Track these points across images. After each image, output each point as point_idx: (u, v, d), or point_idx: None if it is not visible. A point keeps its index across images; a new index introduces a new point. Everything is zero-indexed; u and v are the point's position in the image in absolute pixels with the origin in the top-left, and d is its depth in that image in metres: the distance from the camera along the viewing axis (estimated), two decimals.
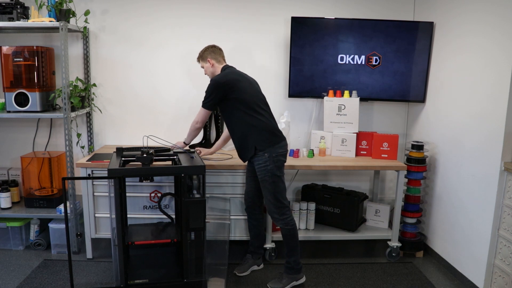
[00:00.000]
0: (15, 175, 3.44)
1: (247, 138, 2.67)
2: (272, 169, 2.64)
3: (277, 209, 2.69)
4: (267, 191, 2.68)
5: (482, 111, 2.69)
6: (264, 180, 2.66)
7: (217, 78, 2.68)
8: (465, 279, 2.84)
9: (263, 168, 2.65)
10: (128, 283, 2.43)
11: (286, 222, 2.71)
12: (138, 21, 3.41)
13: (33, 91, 3.03)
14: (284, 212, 2.71)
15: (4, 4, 2.96)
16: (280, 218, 2.70)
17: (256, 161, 2.67)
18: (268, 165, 2.63)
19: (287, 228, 2.72)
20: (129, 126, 3.55)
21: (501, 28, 2.51)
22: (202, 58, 2.86)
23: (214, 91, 2.65)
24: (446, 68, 3.12)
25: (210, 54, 2.82)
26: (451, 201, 3.02)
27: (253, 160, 2.69)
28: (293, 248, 2.76)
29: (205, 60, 2.84)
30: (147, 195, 2.99)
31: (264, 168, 2.64)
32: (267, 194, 2.69)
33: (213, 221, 3.00)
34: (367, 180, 3.79)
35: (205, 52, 2.84)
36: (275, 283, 2.77)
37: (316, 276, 2.94)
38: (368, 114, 3.64)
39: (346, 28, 3.35)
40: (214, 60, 2.81)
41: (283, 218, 2.70)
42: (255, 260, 3.01)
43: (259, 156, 2.64)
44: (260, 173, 2.67)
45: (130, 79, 3.48)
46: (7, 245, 3.23)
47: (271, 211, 2.73)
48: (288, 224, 2.71)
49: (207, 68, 2.85)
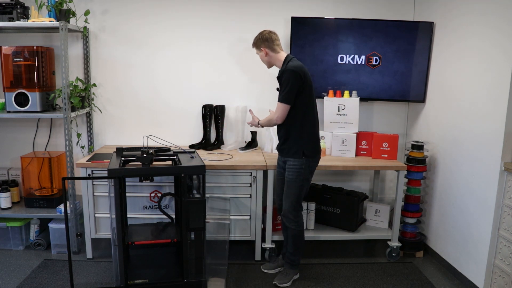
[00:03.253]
0: (15, 175, 3.44)
1: (298, 140, 2.62)
2: (306, 173, 2.65)
3: (294, 211, 2.70)
4: (291, 192, 2.68)
5: (482, 111, 2.69)
6: (293, 181, 2.65)
7: (294, 68, 2.49)
8: (465, 279, 2.84)
9: (297, 170, 2.63)
10: (128, 283, 2.44)
11: (298, 224, 2.74)
12: (138, 21, 3.41)
13: (33, 91, 3.03)
14: (298, 214, 2.73)
15: (4, 4, 2.96)
16: (294, 220, 2.72)
17: (292, 162, 2.64)
18: (302, 168, 2.62)
19: (298, 229, 2.74)
20: (129, 126, 3.55)
21: (501, 29, 2.51)
22: (256, 45, 2.70)
23: (293, 82, 2.47)
24: (446, 68, 3.12)
25: (264, 43, 2.65)
26: (451, 201, 3.02)
27: (287, 160, 2.68)
28: (300, 247, 2.79)
29: (259, 48, 2.69)
30: (147, 195, 2.98)
31: (298, 171, 2.63)
32: (291, 195, 2.68)
33: (213, 221, 2.99)
34: (367, 180, 3.79)
35: (258, 40, 2.67)
36: (281, 279, 2.78)
37: (316, 276, 2.94)
38: (368, 114, 3.64)
39: (346, 28, 3.35)
40: (268, 49, 2.65)
41: (296, 220, 2.72)
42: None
43: (296, 159, 2.63)
44: (291, 174, 2.65)
45: (130, 79, 3.48)
46: (7, 245, 3.23)
47: (287, 211, 2.71)
48: (299, 226, 2.74)
49: (261, 56, 2.71)
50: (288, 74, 2.50)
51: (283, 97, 2.54)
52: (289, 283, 2.78)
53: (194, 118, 3.55)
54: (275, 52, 2.65)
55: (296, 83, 2.50)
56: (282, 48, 2.70)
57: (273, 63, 2.70)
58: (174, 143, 2.90)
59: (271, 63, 2.71)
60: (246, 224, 3.07)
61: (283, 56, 2.66)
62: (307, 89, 2.56)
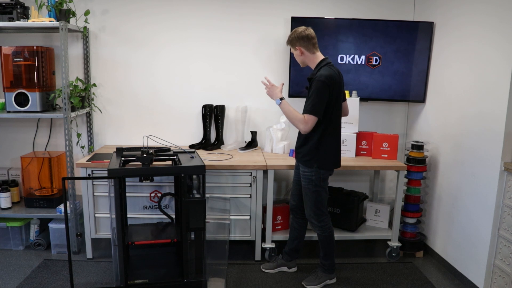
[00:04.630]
0: (15, 175, 3.44)
1: (312, 151, 2.55)
2: (317, 182, 2.60)
3: (316, 216, 2.67)
4: (308, 199, 2.66)
5: (482, 111, 2.69)
6: (307, 188, 2.64)
7: (325, 79, 2.39)
8: (465, 279, 2.84)
9: (307, 177, 2.61)
10: (128, 283, 2.43)
11: (324, 229, 2.70)
12: (138, 21, 3.41)
13: (33, 91, 3.03)
14: (322, 219, 2.68)
15: (4, 4, 2.96)
16: (318, 225, 2.69)
17: (303, 168, 2.62)
18: (313, 176, 2.58)
19: (324, 234, 2.71)
20: (129, 126, 3.55)
21: (501, 30, 2.51)
22: (291, 43, 2.56)
23: (322, 94, 2.37)
24: (446, 68, 3.12)
25: (299, 42, 2.50)
26: (451, 201, 3.02)
27: (300, 164, 2.65)
28: (329, 252, 2.76)
29: (294, 46, 2.55)
30: (147, 195, 2.98)
31: (309, 178, 2.60)
32: (308, 201, 2.67)
33: (213, 221, 2.99)
34: (367, 180, 3.79)
35: (294, 39, 2.52)
36: (310, 281, 2.77)
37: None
38: (368, 114, 3.64)
39: (346, 28, 3.35)
40: (304, 49, 2.51)
41: (321, 225, 2.69)
42: (286, 261, 2.97)
43: (307, 167, 2.59)
44: (304, 181, 2.63)
45: (130, 79, 3.48)
46: (7, 245, 3.23)
47: (309, 216, 2.70)
48: (325, 231, 2.70)
49: (296, 55, 2.57)
50: (318, 84, 2.40)
51: (311, 108, 2.42)
52: (318, 286, 2.76)
53: (193, 118, 3.55)
54: (310, 52, 2.53)
55: (326, 95, 2.41)
56: (318, 48, 2.56)
57: (307, 63, 2.58)
58: (174, 143, 2.89)
59: (305, 63, 2.59)
60: (246, 224, 3.07)
61: (319, 58, 2.55)
62: (333, 100, 2.47)
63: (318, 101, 2.41)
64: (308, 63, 2.59)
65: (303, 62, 2.59)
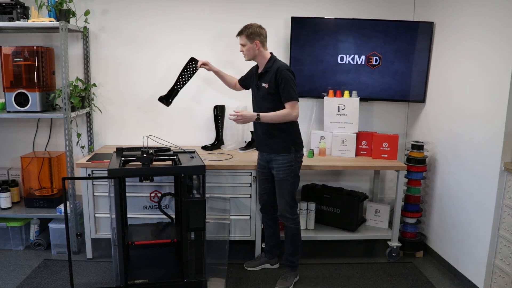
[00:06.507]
0: (15, 175, 3.44)
1: (287, 135, 2.66)
2: (295, 169, 2.68)
3: (291, 209, 2.72)
4: (285, 191, 2.69)
5: (482, 111, 2.69)
6: (285, 180, 2.67)
7: (288, 68, 2.60)
8: (465, 279, 2.84)
9: (287, 168, 2.65)
10: (128, 283, 2.43)
11: (296, 222, 2.75)
12: (138, 21, 3.41)
13: (33, 91, 3.03)
14: (295, 211, 2.75)
15: (4, 4, 2.96)
16: (292, 218, 2.73)
17: (280, 160, 2.66)
18: (292, 165, 2.66)
19: (297, 227, 2.76)
20: (129, 126, 3.54)
21: (501, 31, 2.51)
22: (248, 36, 2.57)
23: (293, 79, 2.56)
24: (446, 68, 3.12)
25: (259, 36, 2.58)
26: (451, 201, 3.02)
27: (274, 158, 2.68)
28: (298, 247, 2.80)
29: (252, 40, 2.57)
30: (147, 195, 2.98)
31: (289, 168, 2.65)
32: (285, 194, 2.69)
33: (213, 221, 2.99)
34: (367, 180, 3.79)
35: (254, 33, 2.56)
36: (283, 284, 2.77)
37: (316, 276, 2.94)
38: (368, 114, 3.64)
39: (346, 28, 3.35)
40: (261, 44, 2.60)
41: (294, 218, 2.74)
42: (269, 259, 3.02)
43: (285, 156, 2.65)
44: (282, 173, 2.66)
45: (130, 79, 3.48)
46: (7, 245, 3.23)
47: (284, 211, 2.72)
48: (297, 223, 2.76)
49: (249, 48, 2.60)
50: (285, 73, 2.54)
51: (291, 95, 2.55)
52: (291, 287, 2.77)
53: (193, 118, 3.55)
54: (264, 48, 2.66)
55: (295, 80, 2.58)
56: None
57: (257, 58, 2.67)
58: (174, 143, 2.89)
59: (254, 57, 2.66)
60: (246, 224, 3.07)
61: (269, 54, 2.69)
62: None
63: (292, 87, 2.55)
64: (257, 58, 2.67)
65: (254, 55, 2.64)
